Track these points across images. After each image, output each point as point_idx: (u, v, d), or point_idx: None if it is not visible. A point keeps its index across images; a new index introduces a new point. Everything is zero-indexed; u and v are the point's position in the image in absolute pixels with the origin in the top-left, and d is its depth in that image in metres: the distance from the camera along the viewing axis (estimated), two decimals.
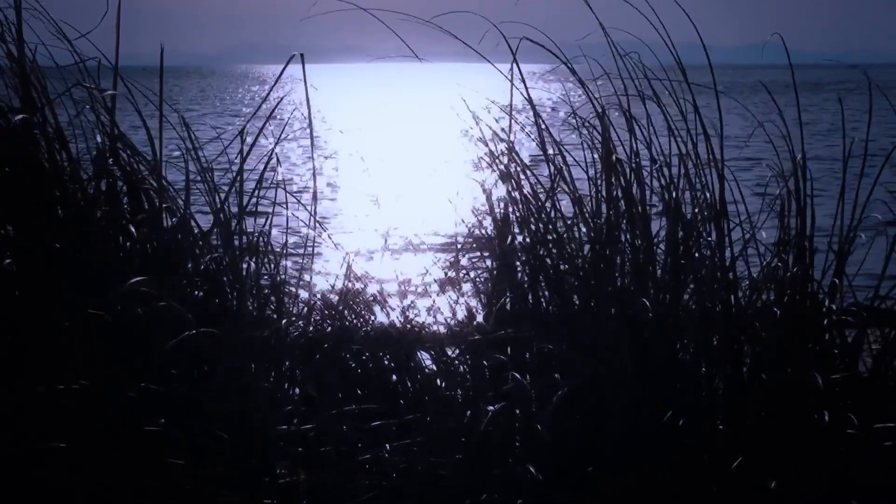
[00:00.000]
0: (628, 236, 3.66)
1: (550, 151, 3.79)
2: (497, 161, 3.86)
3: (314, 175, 3.95)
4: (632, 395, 3.43)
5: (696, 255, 3.64)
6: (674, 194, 3.67)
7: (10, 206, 3.63)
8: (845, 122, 3.87)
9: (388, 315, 4.00)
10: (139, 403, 3.35)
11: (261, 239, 3.85)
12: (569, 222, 3.75)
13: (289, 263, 3.96)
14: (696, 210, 3.66)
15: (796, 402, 3.50)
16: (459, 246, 4.02)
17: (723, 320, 3.56)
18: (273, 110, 3.95)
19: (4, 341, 3.46)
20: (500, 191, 3.90)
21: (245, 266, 3.77)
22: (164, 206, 3.78)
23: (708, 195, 3.66)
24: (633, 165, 3.68)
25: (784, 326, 3.58)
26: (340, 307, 3.96)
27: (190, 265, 3.74)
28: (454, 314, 3.96)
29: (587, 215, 3.73)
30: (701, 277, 3.60)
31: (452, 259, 4.04)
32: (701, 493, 3.39)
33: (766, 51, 3.85)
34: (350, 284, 4.03)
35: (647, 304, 3.53)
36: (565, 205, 3.79)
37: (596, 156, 3.74)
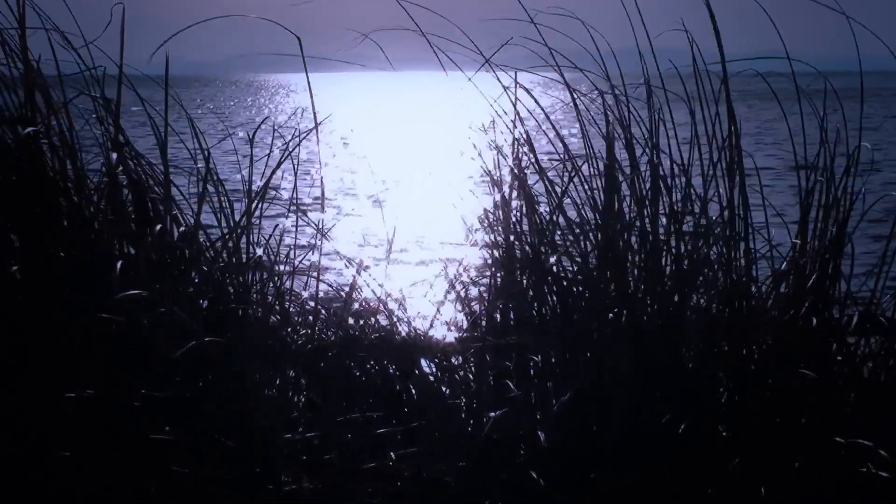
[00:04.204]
0: (636, 240, 3.68)
1: (558, 157, 3.81)
2: (503, 168, 3.88)
3: (322, 183, 3.96)
4: (633, 399, 3.44)
5: (704, 259, 3.65)
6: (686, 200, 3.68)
7: (15, 214, 3.64)
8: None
9: (392, 323, 4.01)
10: (143, 409, 3.36)
11: (267, 246, 3.86)
12: (576, 229, 3.76)
13: (294, 271, 3.97)
14: (703, 216, 3.68)
15: (798, 406, 3.51)
16: (464, 254, 4.03)
17: (728, 324, 3.57)
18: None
19: (10, 346, 3.47)
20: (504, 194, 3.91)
21: (251, 274, 3.78)
22: (170, 213, 3.79)
23: (721, 202, 3.68)
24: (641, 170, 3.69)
25: (790, 331, 3.59)
26: (345, 315, 3.97)
27: (194, 273, 3.75)
28: (458, 322, 3.97)
29: (592, 221, 3.74)
30: (708, 281, 3.62)
31: (457, 267, 4.04)
32: (702, 495, 3.40)
33: (769, 59, 3.85)
34: (355, 292, 4.04)
35: (653, 308, 3.54)
36: (571, 210, 3.79)
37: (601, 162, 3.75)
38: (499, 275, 3.87)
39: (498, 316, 3.85)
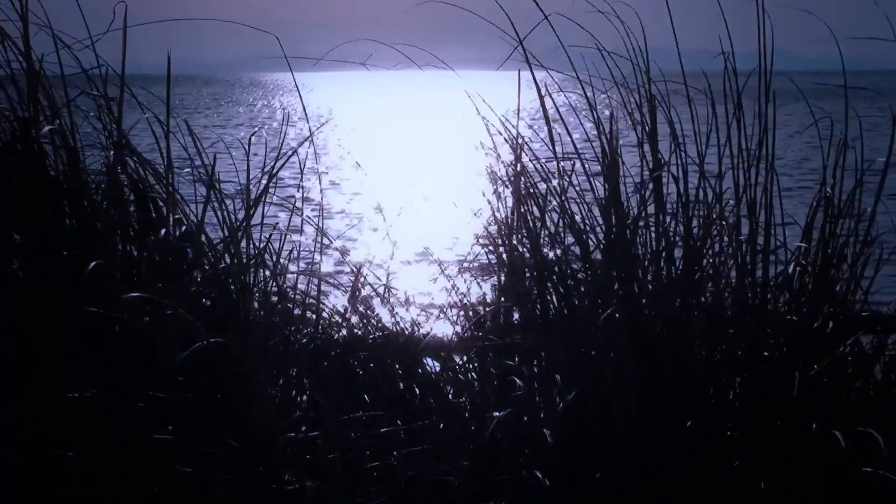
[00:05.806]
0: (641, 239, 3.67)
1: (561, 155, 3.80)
2: (506, 166, 3.87)
3: (323, 183, 3.96)
4: (637, 400, 3.44)
5: (713, 258, 3.65)
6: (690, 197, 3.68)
7: (17, 214, 3.64)
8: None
9: (395, 322, 4.00)
10: (146, 411, 3.35)
11: (268, 247, 3.86)
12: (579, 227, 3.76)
13: (297, 270, 3.97)
14: (711, 217, 3.67)
15: (805, 409, 3.51)
16: (468, 254, 4.02)
17: (735, 324, 3.57)
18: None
19: (12, 349, 3.46)
20: (507, 196, 3.90)
21: (253, 274, 3.77)
22: (172, 214, 3.79)
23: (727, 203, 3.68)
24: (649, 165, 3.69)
25: (798, 333, 3.59)
26: (348, 314, 3.97)
27: (196, 273, 3.75)
28: (462, 321, 3.96)
29: (593, 222, 3.74)
30: (717, 281, 3.62)
31: (460, 266, 4.04)
32: (706, 496, 3.39)
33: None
34: (358, 292, 4.04)
35: (656, 308, 3.54)
36: (574, 208, 3.79)
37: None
38: (503, 274, 3.87)
39: (502, 315, 3.84)
